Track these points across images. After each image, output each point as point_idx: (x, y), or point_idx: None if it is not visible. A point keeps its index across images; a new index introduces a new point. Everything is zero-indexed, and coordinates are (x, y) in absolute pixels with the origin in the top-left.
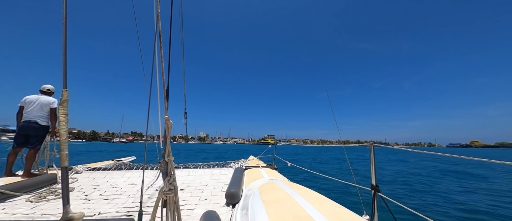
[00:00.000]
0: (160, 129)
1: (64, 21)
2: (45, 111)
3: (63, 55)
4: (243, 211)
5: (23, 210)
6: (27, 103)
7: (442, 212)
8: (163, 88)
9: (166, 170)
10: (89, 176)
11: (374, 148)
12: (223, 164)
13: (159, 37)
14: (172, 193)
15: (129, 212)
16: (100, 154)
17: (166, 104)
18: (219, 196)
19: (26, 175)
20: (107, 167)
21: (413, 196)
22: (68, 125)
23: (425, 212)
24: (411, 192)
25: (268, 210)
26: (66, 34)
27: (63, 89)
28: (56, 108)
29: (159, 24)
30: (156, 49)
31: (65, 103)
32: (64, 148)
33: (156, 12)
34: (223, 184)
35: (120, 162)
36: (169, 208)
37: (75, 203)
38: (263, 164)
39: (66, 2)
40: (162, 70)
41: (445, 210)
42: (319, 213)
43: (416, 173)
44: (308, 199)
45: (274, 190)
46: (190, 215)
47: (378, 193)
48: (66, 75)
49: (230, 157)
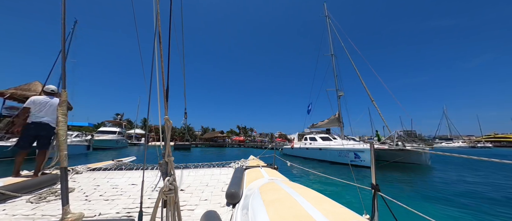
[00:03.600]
0: (160, 129)
1: (62, 22)
2: (56, 112)
3: (62, 56)
4: (243, 211)
5: (24, 210)
6: (37, 104)
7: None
8: (163, 88)
9: (166, 170)
10: (89, 176)
11: (374, 147)
12: (223, 164)
13: (159, 37)
14: (172, 193)
15: (129, 213)
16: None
17: (166, 104)
18: (220, 196)
19: (37, 174)
20: (107, 167)
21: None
22: (67, 125)
23: (425, 211)
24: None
25: (269, 210)
26: (65, 34)
27: (62, 90)
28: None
29: (159, 24)
30: (155, 49)
31: (64, 104)
32: (63, 148)
33: (155, 12)
34: (223, 184)
35: (120, 162)
36: (169, 208)
37: (75, 204)
38: (263, 164)
39: (64, 2)
40: (162, 71)
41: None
42: (320, 213)
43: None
44: (309, 199)
45: (274, 189)
46: (190, 215)
47: (378, 192)
48: (65, 76)
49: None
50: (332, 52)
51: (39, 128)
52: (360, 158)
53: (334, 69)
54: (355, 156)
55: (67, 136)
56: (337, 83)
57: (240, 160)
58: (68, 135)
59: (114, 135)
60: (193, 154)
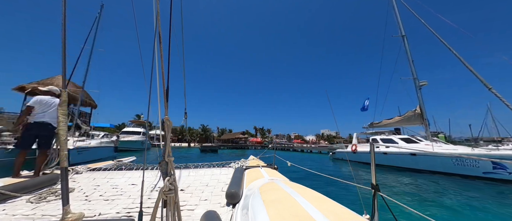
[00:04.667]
0: (160, 129)
1: (63, 22)
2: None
3: (62, 56)
4: (243, 211)
5: (24, 210)
6: (41, 104)
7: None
8: (163, 88)
9: (166, 170)
10: (90, 176)
11: (374, 147)
12: (223, 164)
13: (159, 37)
14: (172, 193)
15: (129, 213)
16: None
17: (166, 104)
18: (220, 196)
19: (37, 174)
20: (107, 167)
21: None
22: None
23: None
24: None
25: (269, 210)
26: (65, 35)
27: (62, 90)
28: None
29: (159, 24)
30: (155, 49)
31: (64, 104)
32: (63, 148)
33: (155, 12)
34: (223, 184)
35: (120, 162)
36: (169, 208)
37: (75, 204)
38: (263, 164)
39: (65, 2)
40: (162, 71)
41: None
42: (320, 213)
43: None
44: (309, 199)
45: (274, 189)
46: (190, 215)
47: (378, 192)
48: (65, 76)
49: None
50: (403, 32)
51: (40, 127)
52: (506, 169)
53: (409, 53)
54: (495, 166)
55: (96, 136)
56: (414, 70)
57: (240, 160)
58: (96, 136)
59: (139, 135)
60: (220, 155)
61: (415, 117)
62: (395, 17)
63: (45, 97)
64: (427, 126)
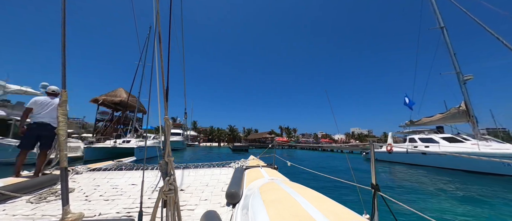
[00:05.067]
0: (160, 129)
1: (62, 21)
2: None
3: (62, 56)
4: (243, 211)
5: (24, 211)
6: (39, 105)
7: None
8: (163, 88)
9: (166, 170)
10: (90, 176)
11: (374, 147)
12: (223, 164)
13: (159, 37)
14: (172, 193)
15: (129, 213)
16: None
17: (166, 104)
18: (220, 196)
19: (37, 175)
20: (107, 167)
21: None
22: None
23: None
24: None
25: (269, 210)
26: (65, 35)
27: (62, 90)
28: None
29: (158, 24)
30: (155, 49)
31: (64, 104)
32: (63, 148)
33: (155, 12)
34: (223, 184)
35: (120, 162)
36: (169, 208)
37: (75, 204)
38: (263, 164)
39: (64, 2)
40: (162, 71)
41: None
42: (320, 213)
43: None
44: (309, 199)
45: (274, 189)
46: (191, 215)
47: (378, 192)
48: (65, 76)
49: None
50: (442, 24)
51: (41, 128)
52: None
53: (450, 46)
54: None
55: (149, 138)
56: (457, 64)
57: (240, 160)
58: (148, 138)
59: (179, 136)
60: (250, 154)
61: (460, 114)
62: (432, 8)
63: (41, 97)
64: (475, 123)
